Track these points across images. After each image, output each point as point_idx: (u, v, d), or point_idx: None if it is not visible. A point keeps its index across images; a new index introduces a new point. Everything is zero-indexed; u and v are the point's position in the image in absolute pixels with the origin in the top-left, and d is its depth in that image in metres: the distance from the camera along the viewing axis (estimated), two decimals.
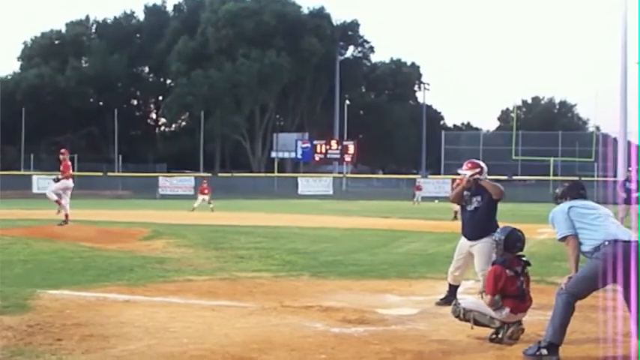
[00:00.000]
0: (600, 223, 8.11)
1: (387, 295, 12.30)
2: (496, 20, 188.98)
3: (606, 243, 7.94)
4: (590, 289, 8.14)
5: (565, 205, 8.37)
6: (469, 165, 11.31)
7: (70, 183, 24.26)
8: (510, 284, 8.94)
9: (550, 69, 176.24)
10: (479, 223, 11.02)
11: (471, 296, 11.41)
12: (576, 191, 8.67)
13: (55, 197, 23.86)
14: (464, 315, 9.02)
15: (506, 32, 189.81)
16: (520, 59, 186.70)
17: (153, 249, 19.17)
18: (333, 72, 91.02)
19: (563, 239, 8.20)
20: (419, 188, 56.74)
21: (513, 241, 9.19)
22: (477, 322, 8.94)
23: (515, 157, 68.65)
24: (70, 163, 24.90)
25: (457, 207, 31.38)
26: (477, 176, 11.08)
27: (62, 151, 25.14)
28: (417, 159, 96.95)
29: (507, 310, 8.85)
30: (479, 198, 11.09)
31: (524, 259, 9.24)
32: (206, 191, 43.32)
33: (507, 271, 8.99)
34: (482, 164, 11.35)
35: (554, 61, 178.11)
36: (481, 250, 10.92)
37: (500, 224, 10.69)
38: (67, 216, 23.64)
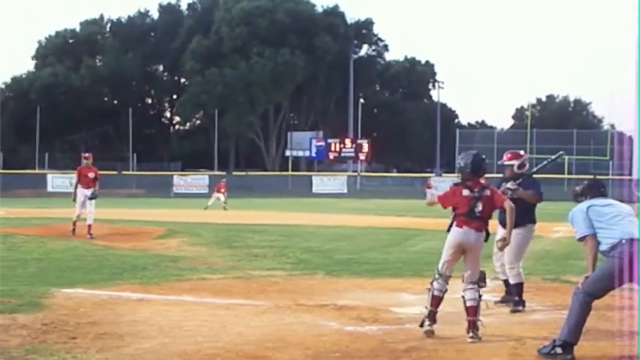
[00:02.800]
0: (618, 222, 8.06)
1: (402, 293, 12.29)
2: (510, 18, 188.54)
3: (623, 242, 7.90)
4: (607, 289, 8.11)
5: (584, 205, 8.33)
6: (509, 156, 11.49)
7: (83, 192, 22.02)
8: (463, 203, 9.37)
9: (564, 67, 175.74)
10: (516, 210, 11.02)
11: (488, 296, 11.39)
12: (597, 189, 8.62)
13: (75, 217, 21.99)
14: None
15: (520, 30, 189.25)
16: (534, 57, 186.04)
17: (167, 247, 19.22)
18: (347, 70, 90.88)
19: (582, 239, 8.17)
20: (429, 186, 56.57)
21: (479, 163, 9.54)
22: None
23: (529, 155, 68.37)
24: (84, 167, 22.57)
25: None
26: (513, 187, 11.05)
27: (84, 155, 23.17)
28: (432, 157, 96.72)
29: (454, 223, 9.41)
30: (517, 187, 11.14)
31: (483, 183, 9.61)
32: (223, 190, 43.27)
33: (465, 190, 9.40)
34: (523, 153, 11.50)
35: (569, 59, 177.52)
36: (512, 243, 10.80)
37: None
38: (89, 226, 21.55)
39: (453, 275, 9.47)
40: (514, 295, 11.02)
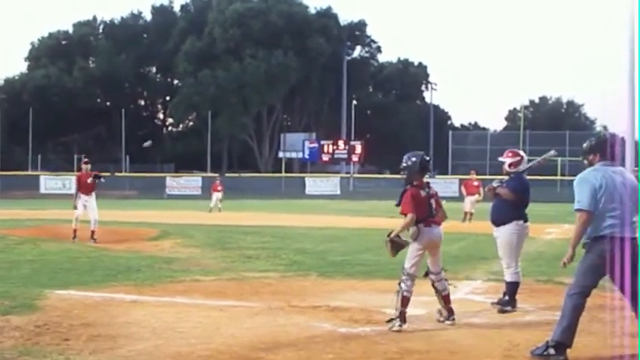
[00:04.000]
0: (612, 214, 7.97)
1: (395, 295, 12.30)
2: (504, 20, 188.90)
3: (606, 239, 7.90)
4: (595, 280, 8.09)
5: (598, 178, 8.03)
6: (509, 154, 11.59)
7: (83, 198, 21.74)
8: (424, 203, 9.80)
9: (557, 69, 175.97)
10: (503, 208, 11.17)
11: (479, 296, 11.42)
12: (608, 148, 8.28)
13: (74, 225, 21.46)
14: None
15: (513, 32, 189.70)
16: (527, 59, 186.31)
17: (160, 249, 19.23)
18: (340, 72, 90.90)
19: (579, 210, 8.02)
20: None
21: (426, 165, 10.07)
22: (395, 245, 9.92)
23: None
24: (84, 172, 22.27)
25: (468, 208, 31.78)
26: (496, 186, 11.33)
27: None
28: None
29: (421, 225, 9.70)
30: (503, 185, 11.33)
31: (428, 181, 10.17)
32: (219, 188, 43.18)
33: (421, 191, 9.87)
34: (523, 153, 11.68)
35: (561, 61, 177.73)
36: (503, 239, 11.13)
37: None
38: (92, 232, 21.28)
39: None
40: (507, 294, 11.06)
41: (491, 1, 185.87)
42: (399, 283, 9.71)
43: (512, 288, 11.07)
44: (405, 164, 10.08)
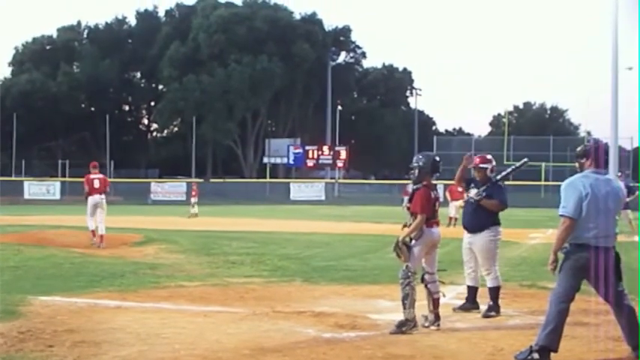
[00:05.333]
0: (596, 223, 8.00)
1: (379, 300, 12.32)
2: (487, 26, 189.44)
3: (589, 248, 7.95)
4: (577, 284, 8.12)
5: (586, 186, 8.05)
6: (482, 159, 11.70)
7: (93, 199, 22.07)
8: (432, 204, 10.03)
9: (541, 74, 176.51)
10: (480, 215, 11.27)
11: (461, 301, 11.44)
12: (600, 155, 8.30)
13: (92, 226, 21.97)
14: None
15: (497, 38, 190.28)
16: (511, 65, 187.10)
17: (145, 255, 19.17)
18: (324, 77, 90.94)
19: (563, 216, 8.03)
20: (407, 193, 56.33)
21: (437, 166, 10.28)
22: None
23: (506, 162, 68.51)
24: (92, 176, 22.45)
25: (452, 213, 31.83)
26: (477, 197, 11.34)
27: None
28: (409, 164, 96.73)
29: (425, 227, 9.89)
30: (484, 194, 11.35)
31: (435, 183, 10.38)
32: (194, 193, 43.16)
33: (431, 192, 10.09)
34: (490, 157, 11.78)
35: (546, 67, 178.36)
36: (482, 246, 11.21)
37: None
38: (101, 237, 21.68)
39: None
40: (489, 299, 11.11)
41: (476, 8, 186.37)
42: (406, 285, 9.77)
43: (495, 292, 11.12)
44: (416, 164, 10.27)
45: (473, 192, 11.43)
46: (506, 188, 11.83)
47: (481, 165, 11.57)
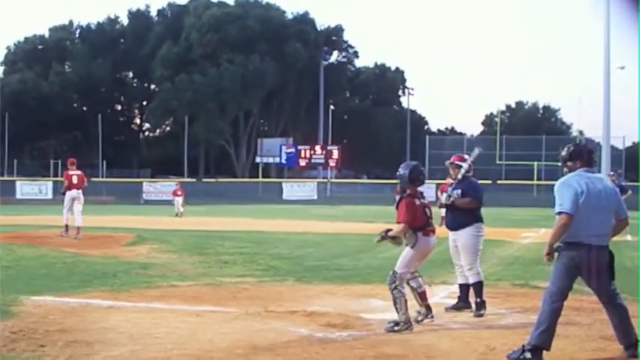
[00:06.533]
0: (590, 222, 8.02)
1: (372, 299, 12.32)
2: (480, 25, 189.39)
3: (582, 246, 7.96)
4: (570, 283, 8.14)
5: (581, 184, 8.08)
6: (459, 159, 11.71)
7: (70, 194, 23.54)
8: (420, 212, 10.11)
9: (534, 74, 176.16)
10: (460, 213, 11.32)
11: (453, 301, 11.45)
12: (587, 155, 8.37)
13: (66, 221, 23.50)
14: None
15: (490, 37, 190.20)
16: (504, 64, 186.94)
17: (137, 254, 19.13)
18: (317, 77, 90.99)
19: (561, 213, 8.03)
20: (398, 192, 56.24)
21: (417, 173, 10.37)
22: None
23: (499, 162, 68.72)
24: (71, 173, 24.11)
25: (444, 213, 31.84)
26: (451, 199, 11.36)
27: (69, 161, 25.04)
28: (402, 164, 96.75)
29: (420, 234, 10.02)
30: (459, 192, 11.35)
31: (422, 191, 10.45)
32: (179, 192, 43.13)
33: (415, 200, 10.08)
34: (466, 157, 11.72)
35: (538, 66, 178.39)
36: (465, 243, 11.27)
37: (484, 227, 11.03)
38: (78, 229, 23.12)
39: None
40: (476, 297, 11.14)
41: (468, 7, 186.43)
42: (394, 289, 9.87)
43: (479, 287, 11.15)
44: (397, 173, 10.42)
45: (444, 197, 11.49)
46: (479, 184, 11.79)
47: (456, 162, 11.58)
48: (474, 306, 11.11)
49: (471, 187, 11.40)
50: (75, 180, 23.66)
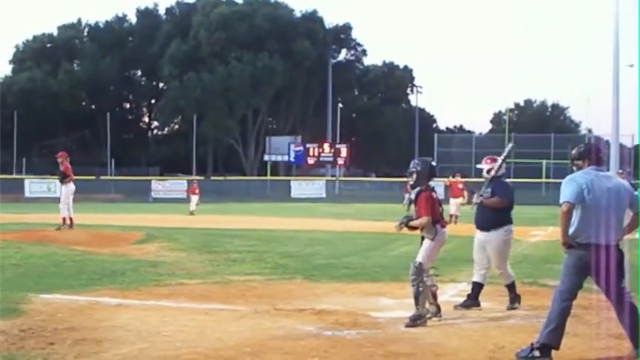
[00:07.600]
0: (598, 221, 7.97)
1: (380, 298, 12.31)
2: (489, 23, 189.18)
3: (590, 246, 7.94)
4: (580, 281, 8.13)
5: (587, 180, 8.07)
6: (488, 161, 11.78)
7: (72, 187, 24.28)
8: (438, 205, 10.42)
9: (542, 72, 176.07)
10: (490, 213, 11.32)
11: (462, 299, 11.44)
12: (596, 155, 8.36)
13: (66, 213, 23.92)
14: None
15: (498, 35, 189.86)
16: (512, 62, 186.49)
17: (146, 252, 19.15)
18: (325, 75, 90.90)
19: (562, 203, 8.04)
20: (408, 191, 56.04)
21: (434, 171, 10.69)
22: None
23: (507, 160, 68.55)
24: (70, 165, 24.70)
25: (453, 211, 31.84)
26: (480, 198, 11.46)
27: (59, 154, 25.12)
28: (410, 162, 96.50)
29: (438, 226, 10.27)
30: (489, 191, 11.42)
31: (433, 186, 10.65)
32: (197, 191, 43.19)
33: (433, 193, 10.41)
34: (491, 162, 11.73)
35: (547, 64, 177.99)
36: (495, 248, 11.32)
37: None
38: (71, 220, 23.79)
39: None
40: (510, 293, 11.33)
41: (476, 5, 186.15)
42: (419, 282, 10.01)
43: (513, 287, 11.37)
44: (414, 169, 10.54)
45: (475, 196, 11.66)
46: (508, 183, 11.82)
47: (477, 165, 11.76)
48: (483, 305, 11.14)
49: (499, 186, 11.41)
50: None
